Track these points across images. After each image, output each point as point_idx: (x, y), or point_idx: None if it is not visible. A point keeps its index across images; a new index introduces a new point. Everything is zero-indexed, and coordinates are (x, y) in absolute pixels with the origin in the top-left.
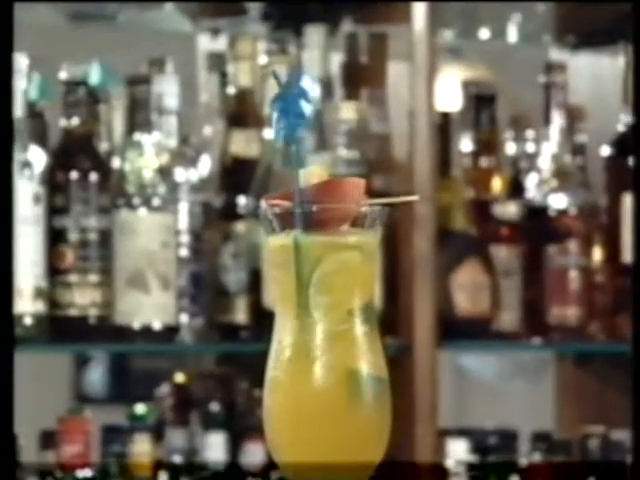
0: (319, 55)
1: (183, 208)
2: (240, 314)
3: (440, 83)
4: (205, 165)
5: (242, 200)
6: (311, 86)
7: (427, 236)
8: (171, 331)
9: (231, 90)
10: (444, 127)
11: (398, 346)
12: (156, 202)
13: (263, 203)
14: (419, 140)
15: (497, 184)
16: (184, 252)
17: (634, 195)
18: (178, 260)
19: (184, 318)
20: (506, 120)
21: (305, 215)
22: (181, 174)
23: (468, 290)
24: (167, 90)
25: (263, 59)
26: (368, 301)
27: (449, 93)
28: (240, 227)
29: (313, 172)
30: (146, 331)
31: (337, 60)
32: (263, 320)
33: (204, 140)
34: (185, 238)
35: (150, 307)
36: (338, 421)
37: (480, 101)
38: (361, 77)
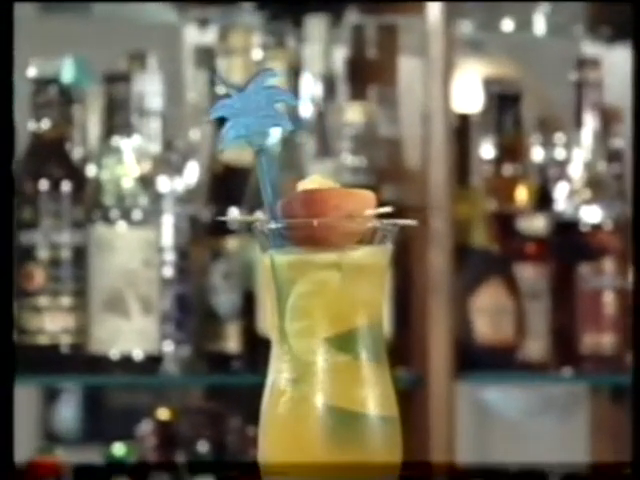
0: (321, 49)
1: (167, 222)
2: (232, 342)
3: (458, 81)
4: (192, 173)
5: (234, 213)
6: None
7: (443, 254)
8: (154, 361)
9: (222, 89)
10: (462, 130)
11: (411, 378)
12: (137, 215)
13: (259, 215)
14: (434, 145)
15: (522, 195)
16: (168, 271)
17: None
18: (162, 280)
19: (168, 346)
20: (532, 122)
21: (282, 231)
22: (165, 183)
23: (489, 314)
24: (149, 89)
25: (258, 54)
26: (357, 327)
27: (468, 92)
28: (232, 243)
29: (314, 182)
30: (125, 361)
31: (341, 55)
32: (258, 348)
33: (191, 145)
34: (170, 256)
35: (130, 334)
36: (329, 464)
37: (503, 101)
38: (368, 74)
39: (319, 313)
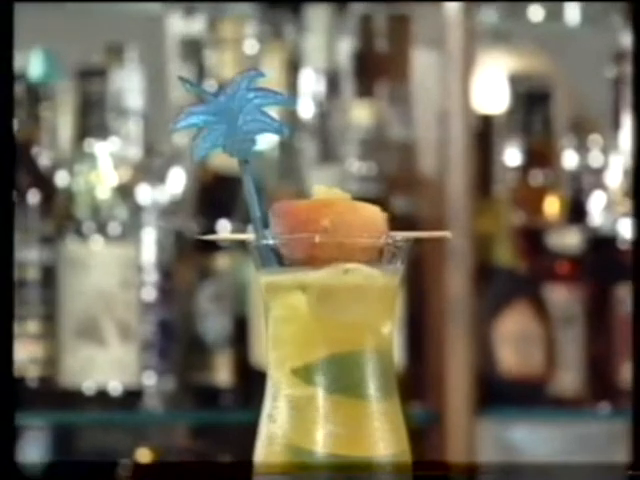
0: (323, 41)
1: (149, 237)
2: (221, 373)
3: (480, 77)
4: (177, 182)
5: (225, 226)
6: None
7: (462, 274)
8: (133, 395)
9: (211, 86)
10: (485, 133)
11: (426, 414)
12: (114, 230)
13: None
14: (452, 150)
15: (552, 206)
16: (150, 294)
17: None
18: (142, 304)
19: (150, 378)
20: (564, 124)
21: (267, 248)
22: (146, 193)
23: (515, 343)
24: (128, 85)
25: (252, 46)
26: (342, 356)
27: (491, 89)
28: (222, 261)
29: (318, 193)
30: (101, 396)
31: (347, 48)
32: (250, 381)
33: (176, 149)
34: (151, 276)
35: (106, 364)
36: None
37: (531, 100)
38: (378, 69)
39: (288, 342)
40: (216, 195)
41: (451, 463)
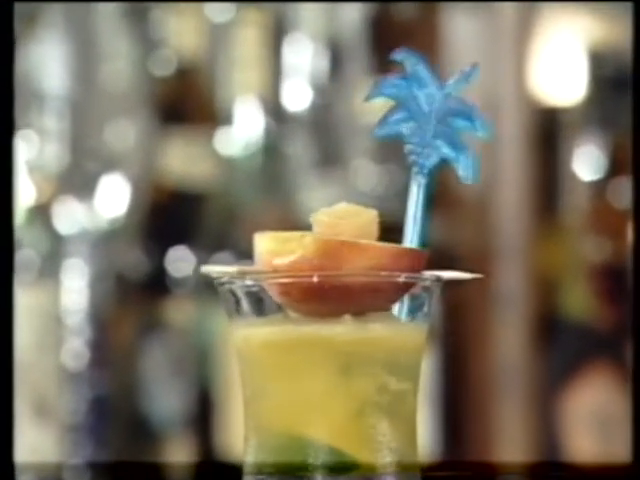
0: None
1: (73, 276)
2: (174, 466)
3: (541, 52)
4: (117, 199)
5: (181, 258)
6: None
7: (517, 327)
8: None
9: (163, 65)
10: (549, 131)
11: None
12: (26, 266)
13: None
14: (503, 154)
15: None
16: (76, 357)
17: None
18: (65, 371)
19: (74, 471)
20: None
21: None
22: (71, 215)
23: (592, 423)
24: (46, 63)
25: (219, 15)
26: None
27: (559, 70)
28: (177, 308)
29: (334, 216)
30: None
31: (355, 14)
32: (214, 476)
33: (114, 152)
34: (77, 331)
35: (17, 450)
36: None
37: (618, 85)
38: (397, 41)
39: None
40: (170, 215)
41: None
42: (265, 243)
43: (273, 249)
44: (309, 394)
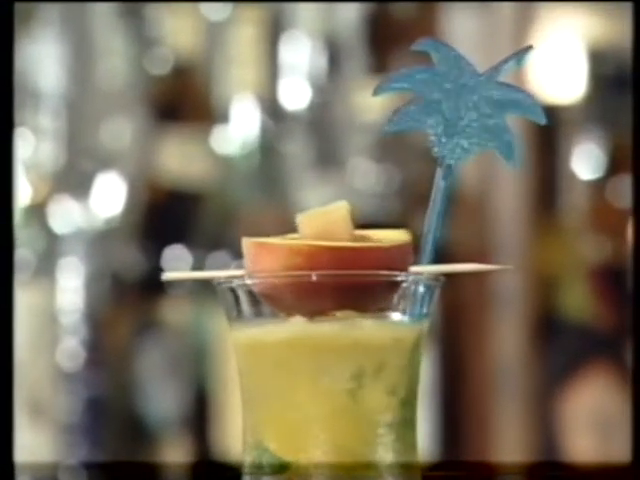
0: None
1: (69, 275)
2: (170, 467)
3: (540, 49)
4: (114, 199)
5: (177, 258)
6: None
7: (516, 327)
8: None
9: (159, 63)
10: (549, 130)
11: None
12: (21, 266)
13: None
14: None
15: None
16: (71, 357)
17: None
18: (61, 371)
19: (69, 472)
20: None
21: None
22: (67, 214)
23: (591, 424)
24: (42, 61)
25: (215, 13)
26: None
27: (558, 67)
28: (173, 308)
29: (333, 213)
30: None
31: (353, 13)
32: (210, 474)
33: (109, 151)
34: (73, 331)
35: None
36: None
37: (618, 82)
38: (396, 39)
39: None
40: (166, 215)
41: None
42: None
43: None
44: (307, 394)
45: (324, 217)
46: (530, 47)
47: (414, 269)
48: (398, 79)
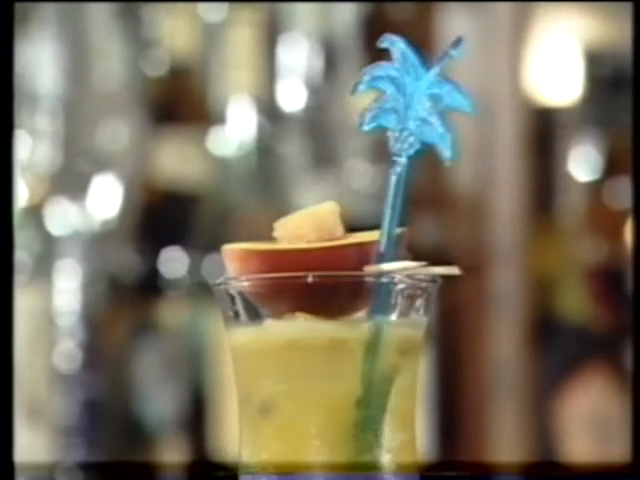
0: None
1: (66, 277)
2: (167, 468)
3: (537, 51)
4: (110, 200)
5: (174, 259)
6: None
7: (512, 329)
8: None
9: (156, 65)
10: (546, 131)
11: None
12: (17, 267)
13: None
14: (498, 154)
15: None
16: (68, 359)
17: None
18: (58, 372)
19: (66, 474)
20: None
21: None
22: (64, 216)
23: (588, 425)
24: (39, 63)
25: (212, 14)
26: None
27: (555, 70)
28: (170, 309)
29: (321, 213)
30: None
31: (349, 14)
32: (207, 474)
33: (106, 152)
34: (70, 332)
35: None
36: None
37: (615, 84)
38: None
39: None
40: (163, 216)
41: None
42: None
43: None
44: (303, 395)
45: (296, 221)
46: (461, 39)
47: (369, 269)
48: (373, 77)
